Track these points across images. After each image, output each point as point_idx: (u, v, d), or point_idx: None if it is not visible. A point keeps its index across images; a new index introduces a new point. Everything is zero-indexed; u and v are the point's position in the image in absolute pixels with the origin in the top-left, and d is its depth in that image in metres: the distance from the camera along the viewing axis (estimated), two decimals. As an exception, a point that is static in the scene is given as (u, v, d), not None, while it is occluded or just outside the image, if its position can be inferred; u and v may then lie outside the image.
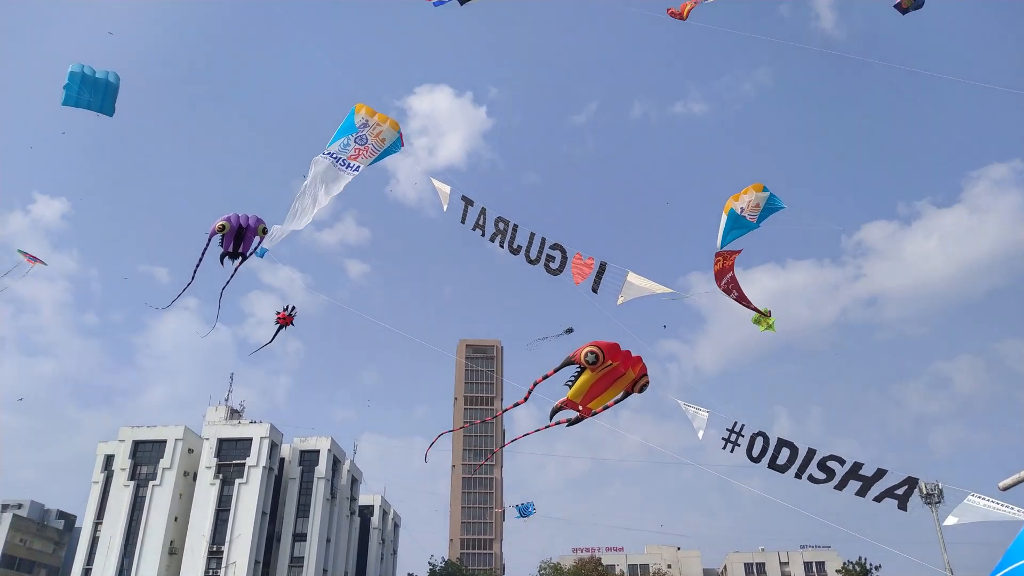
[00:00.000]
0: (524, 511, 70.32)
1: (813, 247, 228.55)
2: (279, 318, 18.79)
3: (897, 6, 21.87)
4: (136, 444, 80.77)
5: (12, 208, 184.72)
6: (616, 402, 11.52)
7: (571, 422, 11.56)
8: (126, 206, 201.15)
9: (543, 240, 12.25)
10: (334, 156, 14.62)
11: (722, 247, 17.66)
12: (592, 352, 10.64)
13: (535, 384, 10.82)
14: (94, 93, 12.99)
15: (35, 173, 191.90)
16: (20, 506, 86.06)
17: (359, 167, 14.62)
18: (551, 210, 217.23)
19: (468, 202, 13.48)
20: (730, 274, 17.92)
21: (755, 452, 11.94)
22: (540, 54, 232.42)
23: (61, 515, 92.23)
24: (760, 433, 12.01)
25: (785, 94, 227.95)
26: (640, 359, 11.23)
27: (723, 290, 18.03)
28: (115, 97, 13.54)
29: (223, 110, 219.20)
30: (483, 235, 12.88)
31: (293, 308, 19.05)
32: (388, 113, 15.04)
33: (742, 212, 17.26)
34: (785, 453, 11.65)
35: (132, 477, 79.11)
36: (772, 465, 11.72)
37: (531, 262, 12.26)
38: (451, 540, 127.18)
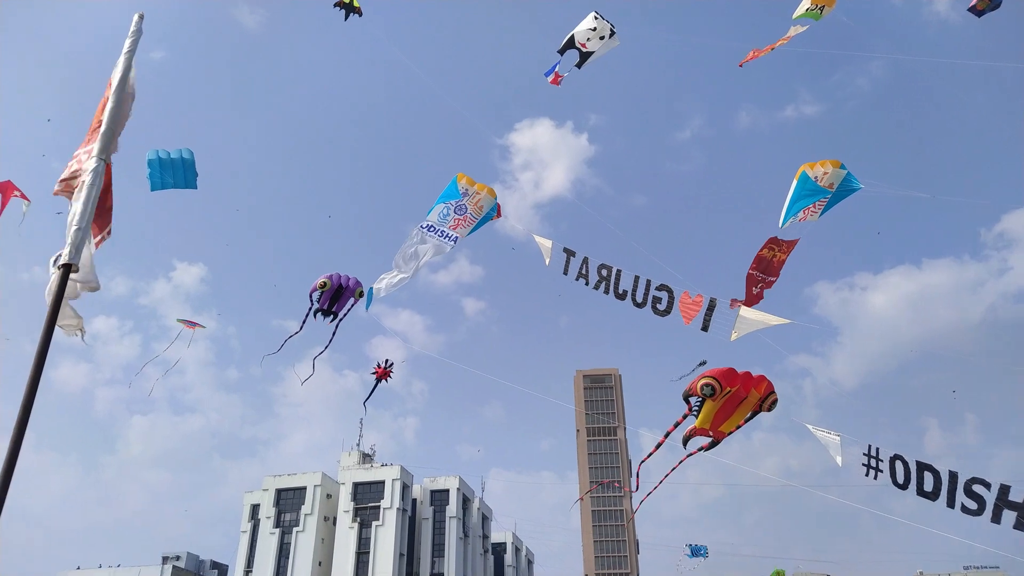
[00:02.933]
0: (696, 551, 69.08)
1: (949, 244, 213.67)
2: (377, 373, 19.60)
3: (972, 8, 20.78)
4: (279, 492, 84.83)
5: (156, 277, 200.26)
6: (747, 420, 11.47)
7: (707, 447, 11.60)
8: (256, 266, 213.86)
9: (648, 282, 12.36)
10: (434, 228, 15.29)
11: (786, 220, 15.69)
12: (708, 385, 10.71)
13: (666, 436, 10.97)
14: (175, 173, 13.73)
15: (173, 243, 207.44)
16: (178, 558, 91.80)
17: (457, 237, 15.24)
18: (661, 231, 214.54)
19: (570, 253, 13.78)
20: (776, 270, 16.19)
21: (899, 477, 11.37)
22: (636, 75, 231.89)
23: (214, 565, 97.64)
24: (898, 456, 11.42)
25: (904, 85, 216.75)
26: (763, 378, 11.15)
27: (754, 285, 16.18)
28: (195, 172, 14.23)
29: (335, 168, 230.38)
30: (587, 284, 13.14)
31: (390, 363, 19.87)
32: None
33: (817, 180, 15.46)
34: (929, 478, 11.04)
35: (277, 524, 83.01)
36: (920, 492, 11.09)
37: (638, 305, 12.39)
38: (585, 574, 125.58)
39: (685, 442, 11.36)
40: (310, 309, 16.75)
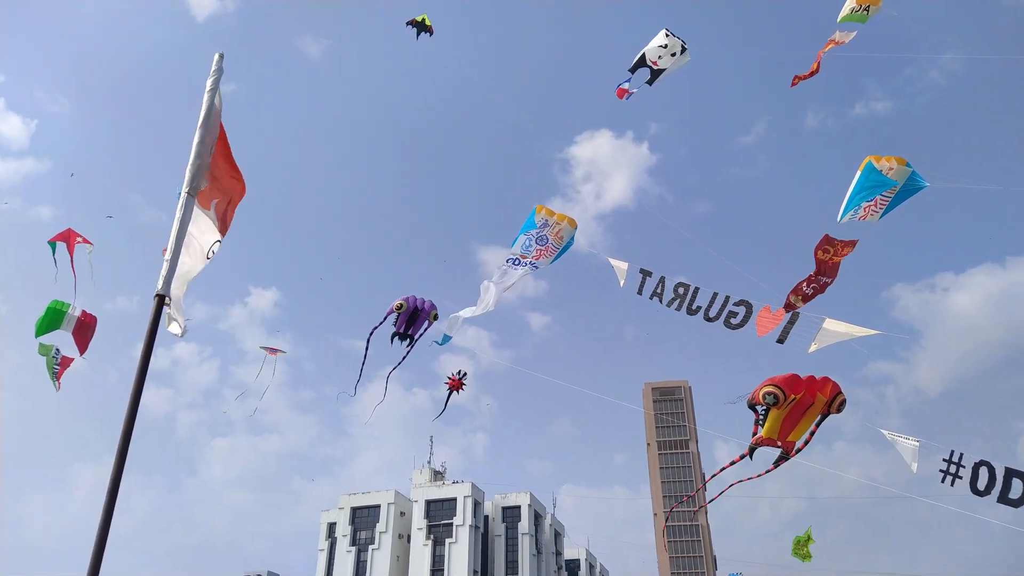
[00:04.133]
0: None
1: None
2: (450, 383, 19.70)
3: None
4: (354, 511, 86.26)
5: (233, 302, 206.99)
6: (817, 425, 11.20)
7: (776, 463, 11.37)
8: (325, 289, 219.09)
9: (727, 298, 12.19)
10: (518, 261, 15.51)
11: (845, 213, 14.63)
12: (770, 394, 10.53)
13: (741, 457, 10.80)
14: None
15: (248, 269, 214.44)
16: None
17: (538, 266, 15.44)
18: (726, 238, 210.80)
19: (646, 274, 13.71)
20: (832, 272, 14.94)
21: (980, 485, 10.83)
22: (697, 81, 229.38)
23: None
24: (983, 463, 10.89)
25: (978, 76, 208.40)
26: (828, 380, 10.90)
27: (807, 284, 14.95)
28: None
29: (400, 188, 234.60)
30: (661, 302, 13.06)
31: (463, 374, 19.93)
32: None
33: (883, 173, 14.40)
34: (1018, 485, 10.47)
35: (353, 542, 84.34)
36: (1003, 499, 10.56)
37: (709, 320, 12.25)
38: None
39: (751, 453, 11.20)
40: (374, 329, 16.97)
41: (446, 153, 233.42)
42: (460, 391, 19.42)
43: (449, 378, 19.46)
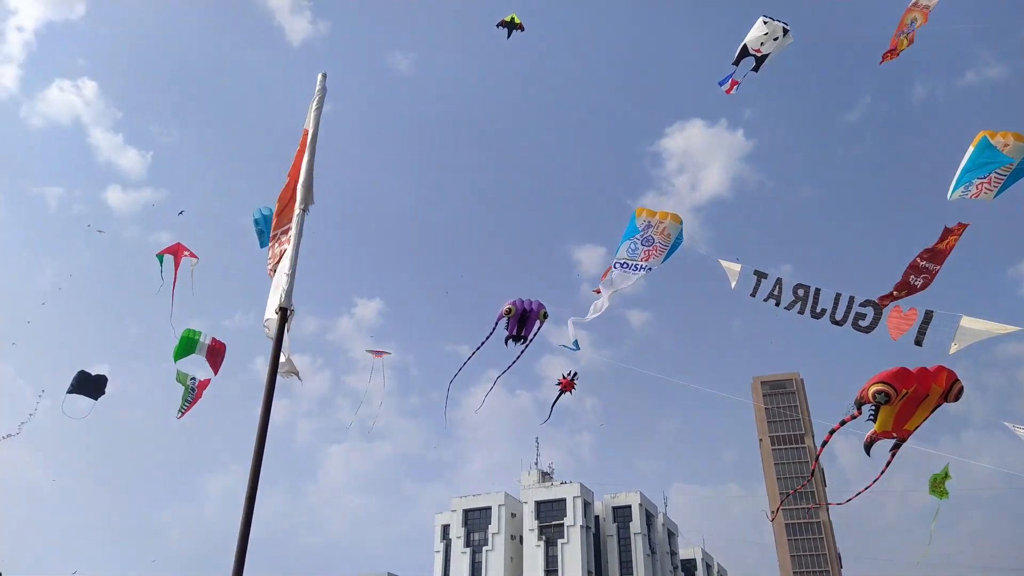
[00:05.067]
0: None
1: None
2: (561, 384, 19.68)
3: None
4: (466, 512, 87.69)
5: (340, 314, 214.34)
6: (932, 411, 10.59)
7: (894, 449, 10.85)
8: (426, 296, 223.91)
9: (851, 299, 11.54)
10: (626, 264, 15.38)
11: (956, 189, 13.62)
12: (881, 392, 10.03)
13: (831, 432, 10.33)
14: None
15: (353, 281, 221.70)
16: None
17: (651, 267, 15.23)
18: (834, 222, 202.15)
19: (761, 275, 13.18)
20: (941, 259, 13.72)
21: None
22: (790, 59, 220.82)
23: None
24: None
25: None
26: (942, 369, 10.31)
27: (915, 275, 13.97)
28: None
29: (491, 191, 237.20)
30: (777, 304, 12.50)
31: (574, 374, 19.88)
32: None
33: (999, 149, 13.32)
34: None
35: (467, 544, 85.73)
36: None
37: (837, 323, 11.64)
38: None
39: (868, 448, 10.83)
40: (488, 336, 17.23)
41: (535, 155, 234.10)
42: (571, 392, 19.44)
43: (560, 379, 19.52)
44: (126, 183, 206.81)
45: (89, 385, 22.59)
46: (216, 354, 21.70)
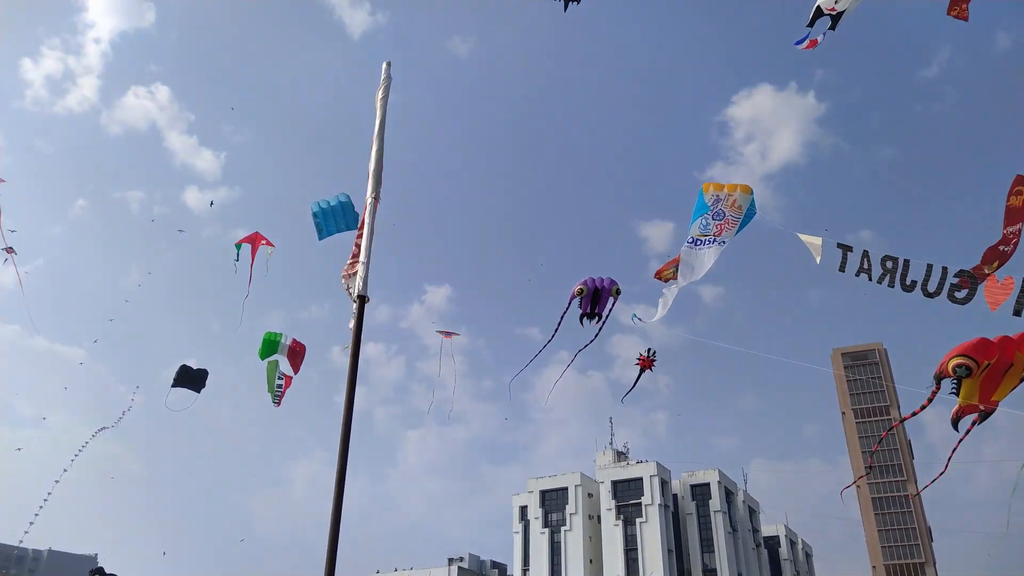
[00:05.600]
0: None
1: None
2: (640, 362, 19.36)
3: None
4: (543, 493, 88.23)
5: (411, 301, 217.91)
6: (1022, 380, 10.04)
7: (979, 420, 10.36)
8: (494, 280, 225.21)
9: (944, 270, 10.92)
10: (699, 241, 15.06)
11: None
12: (961, 366, 9.54)
13: (913, 413, 9.89)
14: (336, 220, 14.43)
15: (422, 269, 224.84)
16: (462, 559, 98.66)
17: (725, 241, 14.86)
18: (916, 183, 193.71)
19: (846, 249, 12.62)
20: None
21: None
22: (861, 15, 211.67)
23: (494, 564, 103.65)
24: None
25: None
26: None
27: (1004, 245, 12.70)
28: (355, 214, 14.54)
29: (558, 170, 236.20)
30: (870, 279, 11.94)
31: (653, 352, 19.54)
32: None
33: None
34: None
35: (545, 524, 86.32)
36: None
37: (929, 295, 11.06)
38: (873, 567, 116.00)
39: (955, 424, 10.36)
40: (562, 316, 17.18)
41: (599, 132, 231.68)
42: (651, 369, 19.13)
43: (639, 357, 19.20)
44: (203, 183, 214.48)
45: (191, 379, 23.49)
46: (296, 355, 22.42)
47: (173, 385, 23.20)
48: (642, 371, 19.07)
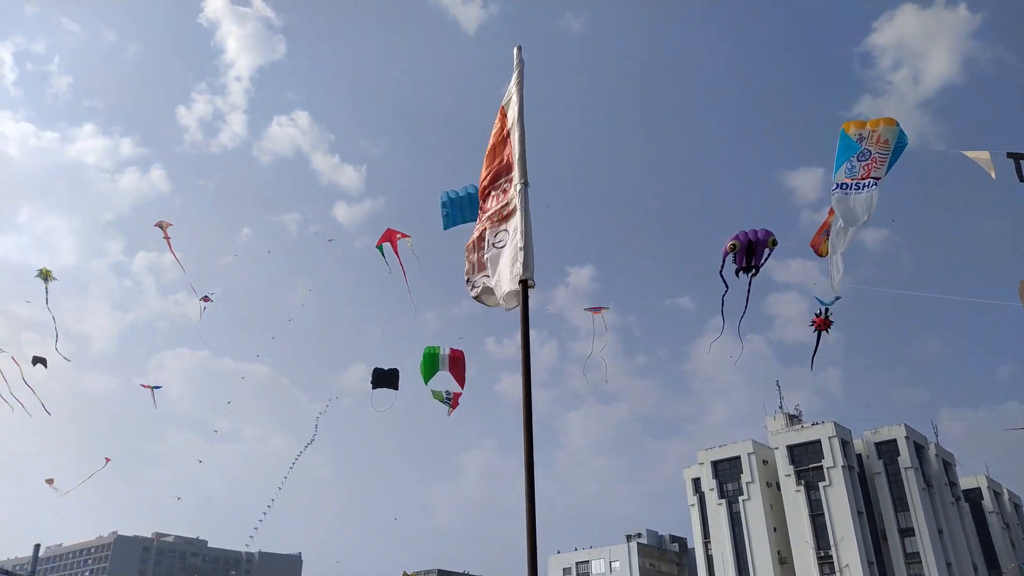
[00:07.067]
0: None
1: None
2: (816, 323, 18.08)
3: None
4: (714, 464, 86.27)
5: (556, 285, 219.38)
6: None
7: None
8: (639, 253, 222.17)
9: None
10: (847, 186, 13.95)
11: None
12: None
13: None
14: (463, 210, 14.37)
15: (563, 252, 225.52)
16: (640, 535, 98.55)
17: (876, 181, 13.66)
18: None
19: (1017, 158, 11.32)
20: None
21: None
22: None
23: (673, 539, 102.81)
24: None
25: None
26: None
27: None
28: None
29: (692, 129, 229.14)
30: None
31: (828, 311, 18.17)
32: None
33: None
34: None
35: (721, 496, 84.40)
36: None
37: None
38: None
39: None
40: (722, 268, 16.48)
41: (729, 84, 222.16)
42: (828, 331, 17.86)
43: (814, 318, 17.96)
44: (349, 198, 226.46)
45: (386, 379, 24.74)
46: (458, 362, 22.82)
47: (373, 387, 24.43)
48: (820, 333, 17.79)
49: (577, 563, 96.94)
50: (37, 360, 33.91)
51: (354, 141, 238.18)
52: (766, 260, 16.43)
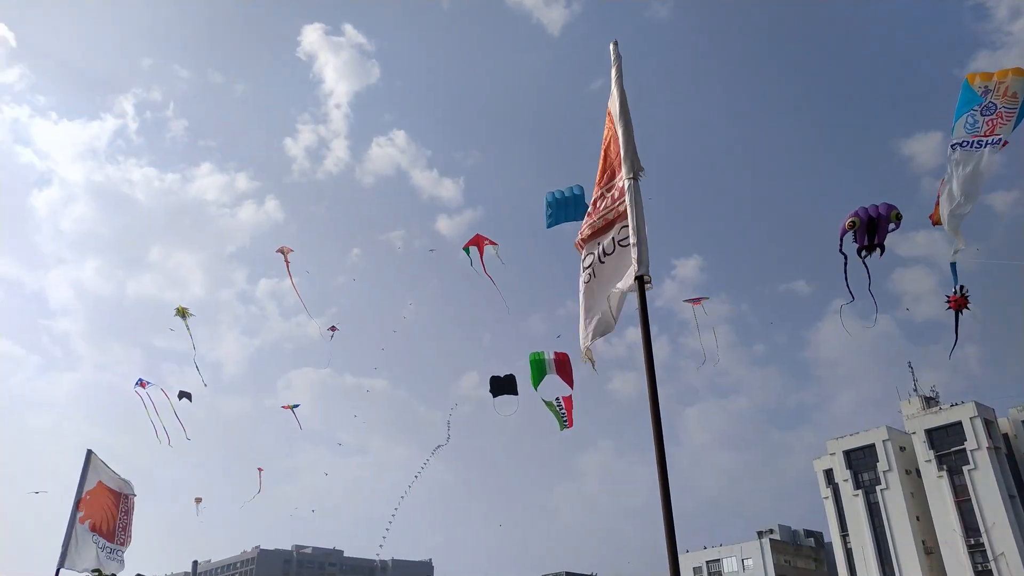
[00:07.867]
0: None
1: None
2: (951, 303, 16.83)
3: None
4: (846, 454, 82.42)
5: (663, 279, 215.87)
6: None
7: None
8: (747, 238, 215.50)
9: None
10: (967, 143, 12.91)
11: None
12: None
13: None
14: (566, 210, 14.47)
15: (667, 245, 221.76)
16: (772, 531, 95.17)
17: (1000, 138, 12.57)
18: None
19: None
20: None
21: None
22: None
23: (808, 534, 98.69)
24: None
25: None
26: None
27: None
28: (585, 205, 14.73)
29: (797, 104, 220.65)
30: None
31: (965, 289, 16.89)
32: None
33: None
34: None
35: (857, 486, 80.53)
36: None
37: None
38: None
39: None
40: (841, 244, 15.77)
41: (831, 53, 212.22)
42: (963, 311, 16.60)
43: (949, 298, 16.75)
44: (449, 210, 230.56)
45: (505, 385, 25.41)
46: (564, 365, 23.04)
47: (494, 396, 25.07)
48: (958, 313, 16.55)
49: (708, 562, 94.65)
50: (183, 395, 37.01)
51: (450, 154, 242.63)
52: (888, 234, 15.59)
